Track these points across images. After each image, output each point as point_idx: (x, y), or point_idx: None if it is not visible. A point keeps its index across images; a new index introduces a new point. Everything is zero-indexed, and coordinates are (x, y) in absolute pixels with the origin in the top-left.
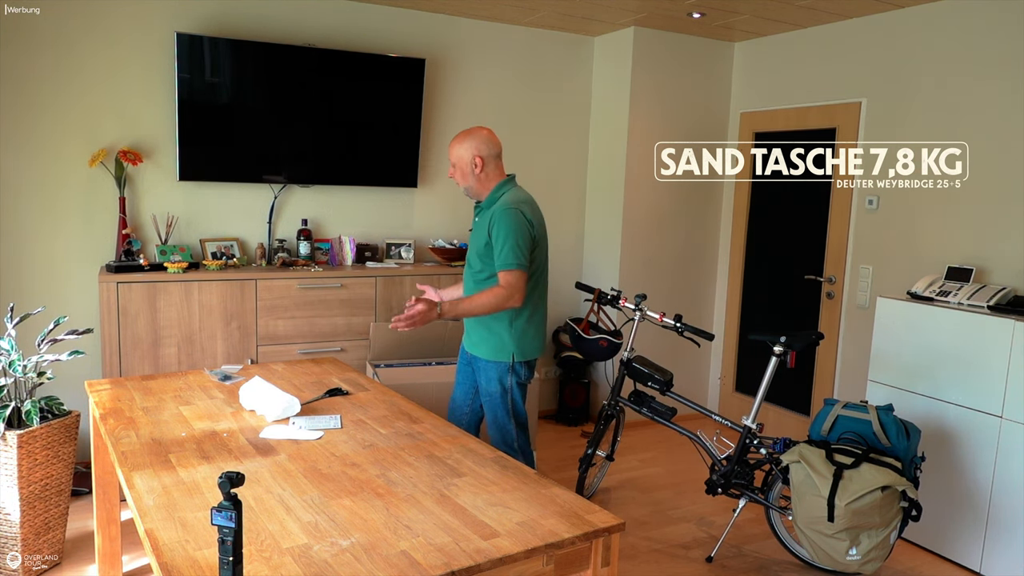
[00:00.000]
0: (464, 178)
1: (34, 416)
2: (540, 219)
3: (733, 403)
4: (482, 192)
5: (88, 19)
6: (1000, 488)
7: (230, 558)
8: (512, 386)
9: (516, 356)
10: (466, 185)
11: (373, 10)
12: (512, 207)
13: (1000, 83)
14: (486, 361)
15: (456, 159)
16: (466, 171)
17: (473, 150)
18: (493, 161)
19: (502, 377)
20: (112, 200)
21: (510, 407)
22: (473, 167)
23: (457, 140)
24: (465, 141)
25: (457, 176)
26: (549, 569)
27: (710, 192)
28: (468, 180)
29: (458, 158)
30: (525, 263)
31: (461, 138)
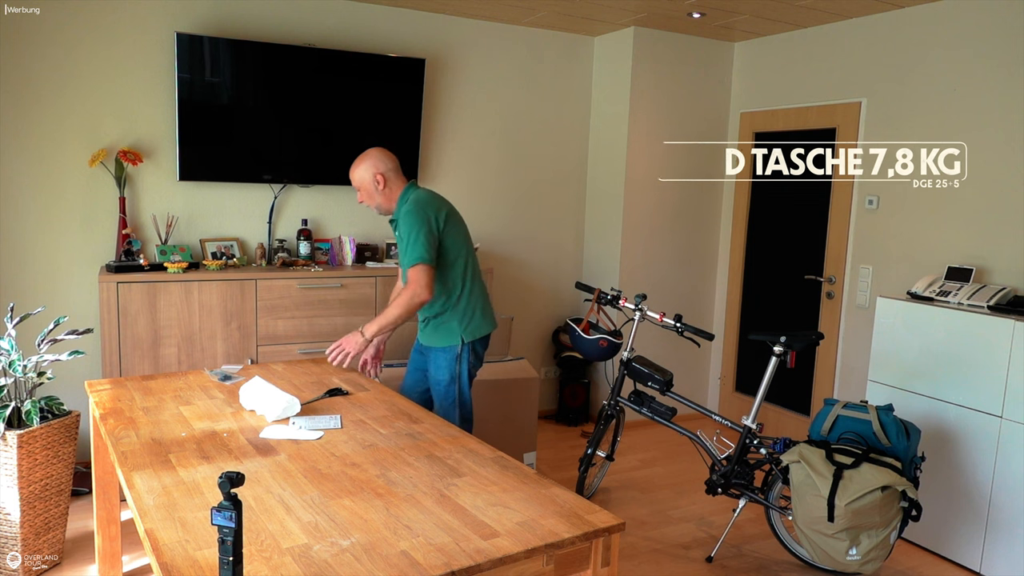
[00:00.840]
0: (371, 198)
1: (34, 416)
2: (446, 208)
3: (733, 403)
4: (390, 207)
5: (88, 19)
6: (1000, 488)
7: (230, 558)
8: (460, 374)
9: (466, 338)
10: (375, 204)
11: (373, 10)
12: (411, 207)
13: (1000, 83)
14: (437, 349)
15: (359, 183)
16: (371, 191)
17: (372, 169)
18: (393, 174)
19: (451, 365)
20: (112, 200)
21: (457, 396)
22: (376, 185)
23: (355, 166)
24: (362, 163)
25: (365, 198)
26: (549, 569)
27: (710, 192)
28: (376, 198)
29: (360, 181)
30: (427, 256)
31: (357, 163)
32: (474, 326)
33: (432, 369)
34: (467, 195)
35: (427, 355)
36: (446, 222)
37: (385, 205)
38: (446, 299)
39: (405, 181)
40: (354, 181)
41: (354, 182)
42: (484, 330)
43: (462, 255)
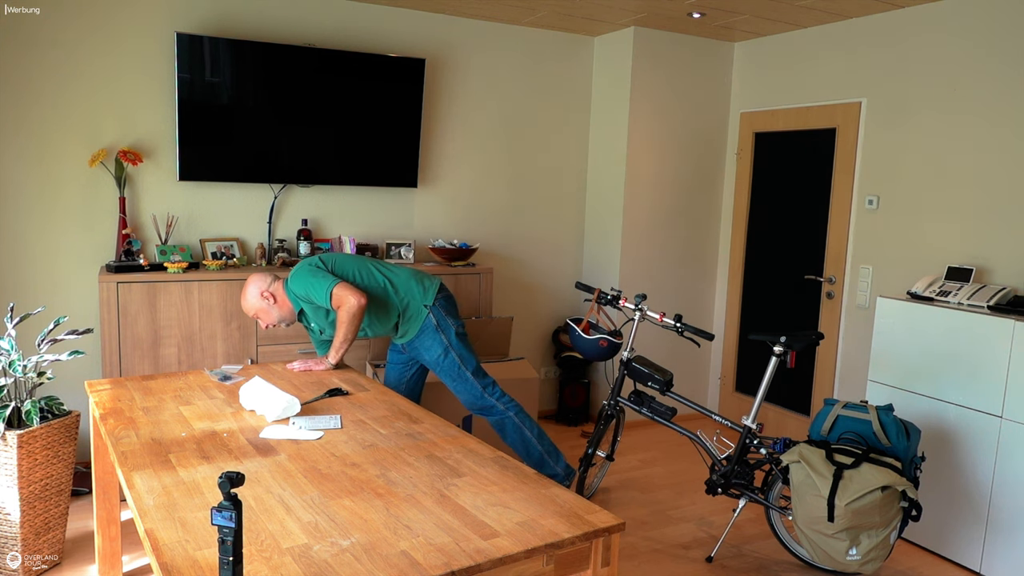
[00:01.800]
0: (269, 315)
1: (34, 416)
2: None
3: (733, 403)
4: (290, 311)
5: (88, 19)
6: (1000, 488)
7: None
8: (450, 340)
9: (427, 302)
10: (279, 317)
11: (373, 10)
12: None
13: (1000, 82)
14: (418, 335)
15: (254, 310)
16: (267, 310)
17: (256, 291)
18: (275, 285)
19: (436, 337)
20: (112, 200)
21: (459, 361)
22: (267, 301)
23: (242, 301)
24: (246, 292)
25: (266, 319)
26: (549, 569)
27: (710, 192)
28: (273, 314)
29: (254, 309)
30: (332, 279)
31: (243, 297)
32: (423, 292)
33: (425, 354)
34: (467, 195)
35: (413, 348)
36: (324, 261)
37: (285, 312)
38: (389, 298)
39: (281, 281)
40: (249, 311)
41: (249, 312)
42: (433, 288)
43: (362, 264)
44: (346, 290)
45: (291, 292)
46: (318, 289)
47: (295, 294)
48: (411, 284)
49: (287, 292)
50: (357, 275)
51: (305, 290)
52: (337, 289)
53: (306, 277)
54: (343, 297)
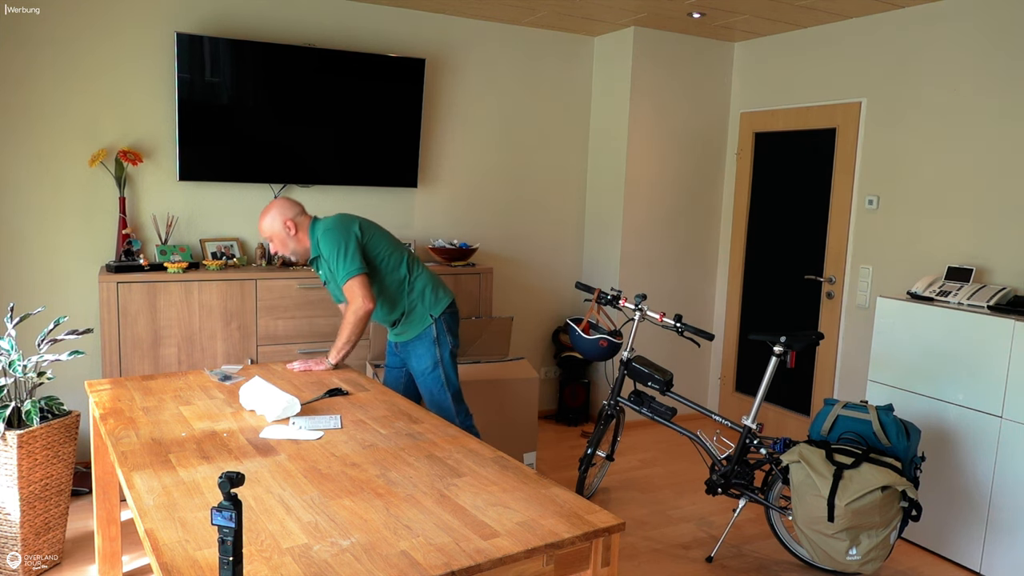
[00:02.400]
0: (285, 245)
1: (34, 416)
2: (358, 219)
3: (733, 403)
4: (305, 248)
5: (88, 19)
6: (1000, 488)
7: (230, 558)
8: (443, 357)
9: (434, 314)
10: (291, 251)
11: (373, 10)
12: (326, 231)
13: (1000, 82)
14: (414, 340)
15: (270, 233)
16: (284, 237)
17: (281, 217)
18: (300, 218)
19: (430, 349)
20: (112, 200)
21: (443, 380)
22: (288, 231)
23: (262, 219)
24: (268, 216)
25: (279, 247)
26: (549, 569)
27: (710, 192)
28: (289, 244)
29: (271, 231)
30: (358, 267)
31: (264, 216)
32: (436, 301)
33: (413, 361)
34: (467, 195)
35: (405, 350)
36: (364, 230)
37: (300, 249)
38: (401, 295)
39: (310, 218)
40: (264, 232)
41: (264, 233)
42: (445, 301)
43: (395, 251)
44: (362, 288)
45: (315, 239)
46: (340, 266)
47: (318, 245)
48: (427, 289)
49: (311, 235)
50: (385, 260)
51: (329, 255)
52: (354, 282)
53: (336, 244)
54: (355, 294)
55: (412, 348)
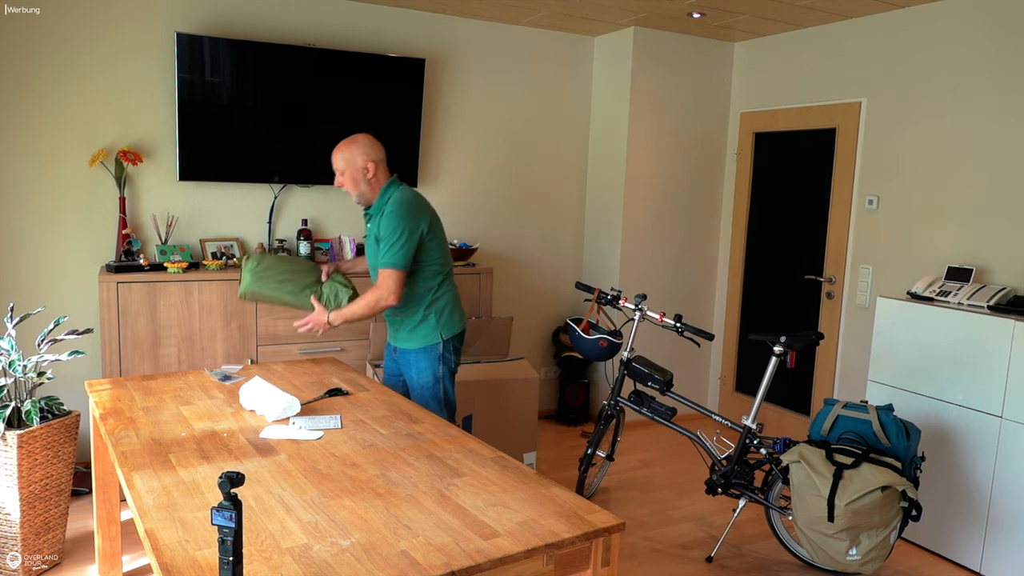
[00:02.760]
0: (355, 184)
1: (34, 416)
2: (429, 212)
3: (733, 403)
4: (372, 198)
5: (88, 19)
6: (1000, 488)
7: (230, 558)
8: (444, 375)
9: (444, 335)
10: (358, 192)
11: (373, 10)
12: (398, 208)
13: (1001, 82)
14: (417, 351)
15: (345, 165)
16: (357, 177)
17: (363, 155)
18: (382, 165)
19: (433, 366)
20: (112, 200)
21: (442, 397)
22: (364, 172)
23: (344, 147)
24: (353, 146)
25: (347, 183)
26: (549, 569)
27: (710, 192)
28: (359, 186)
29: (348, 164)
30: (403, 264)
31: (348, 145)
32: (451, 323)
33: (413, 373)
34: (467, 195)
35: (404, 359)
36: (430, 228)
37: (368, 195)
38: (424, 301)
39: (388, 175)
40: (339, 162)
41: (338, 163)
42: (459, 327)
43: (441, 260)
44: (395, 284)
45: (385, 199)
46: (389, 250)
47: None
48: (447, 308)
49: (383, 191)
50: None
51: (386, 232)
52: (391, 275)
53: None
54: (386, 285)
55: (413, 359)
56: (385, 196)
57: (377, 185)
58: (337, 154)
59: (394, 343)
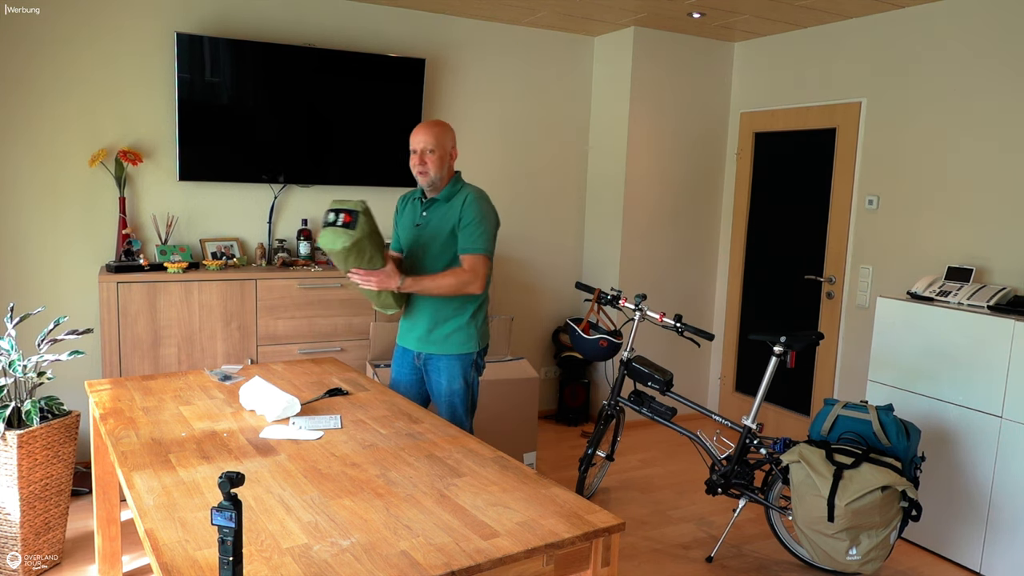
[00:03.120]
0: (441, 164)
1: (34, 416)
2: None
3: (733, 403)
4: (442, 185)
5: (88, 19)
6: (1000, 488)
7: (230, 558)
8: (475, 381)
9: (480, 343)
10: (439, 173)
11: (373, 10)
12: (481, 197)
13: (1000, 82)
14: (450, 357)
15: (436, 145)
16: (444, 159)
17: (452, 139)
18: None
19: (466, 372)
20: (112, 200)
21: (470, 403)
22: (450, 157)
23: (437, 127)
24: (446, 129)
25: (433, 164)
26: (549, 569)
27: (710, 192)
28: (441, 169)
29: (438, 144)
30: (491, 251)
31: (440, 126)
32: (485, 333)
33: (444, 379)
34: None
35: (433, 364)
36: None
37: (444, 177)
38: (469, 308)
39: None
40: (428, 140)
41: (427, 141)
42: (487, 339)
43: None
44: (484, 272)
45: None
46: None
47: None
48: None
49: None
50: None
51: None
52: (481, 261)
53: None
54: (475, 272)
55: (445, 365)
56: (457, 186)
57: (449, 174)
58: (427, 132)
59: (418, 348)
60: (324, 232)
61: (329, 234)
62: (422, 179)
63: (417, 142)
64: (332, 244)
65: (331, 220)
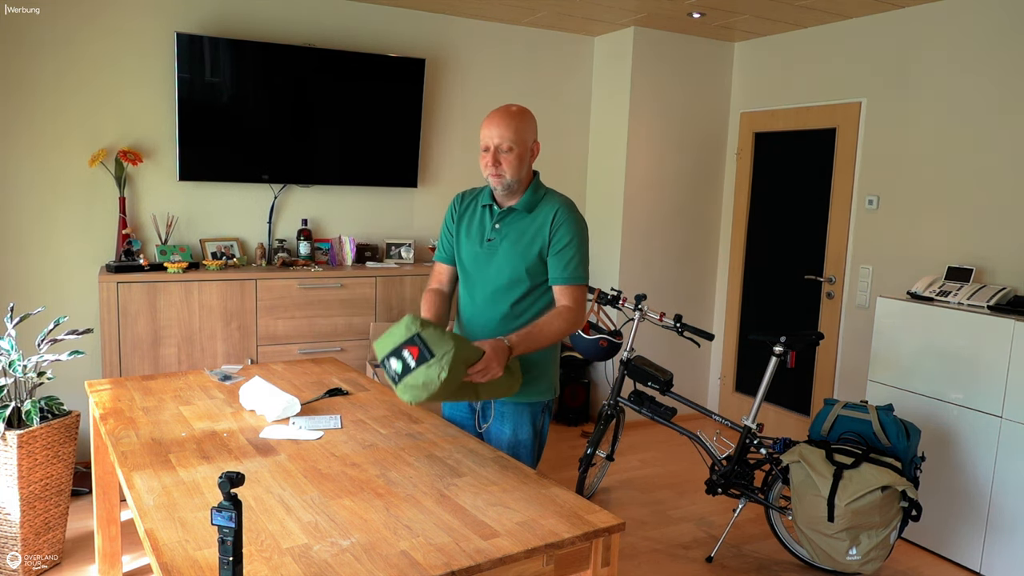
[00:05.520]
0: (520, 165)
1: (34, 416)
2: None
3: (733, 403)
4: (519, 190)
5: (88, 19)
6: (1000, 488)
7: (230, 558)
8: (544, 426)
9: (556, 391)
10: (516, 178)
11: (373, 10)
12: (577, 211)
13: (1000, 82)
14: (526, 404)
15: (515, 142)
16: (524, 157)
17: (534, 134)
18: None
19: (536, 419)
20: (112, 200)
21: (536, 452)
22: (532, 152)
23: (515, 118)
24: (527, 119)
25: (511, 165)
26: (549, 569)
27: (710, 192)
28: (521, 171)
29: (519, 142)
30: (588, 278)
31: (520, 116)
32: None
33: (508, 428)
34: None
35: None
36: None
37: (522, 180)
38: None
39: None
40: (505, 134)
41: (505, 136)
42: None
43: None
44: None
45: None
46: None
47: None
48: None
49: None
50: None
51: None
52: (581, 293)
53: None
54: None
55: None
56: (539, 192)
57: (529, 175)
58: (504, 123)
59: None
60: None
61: (409, 389)
62: (495, 182)
63: (490, 136)
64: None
65: (397, 371)
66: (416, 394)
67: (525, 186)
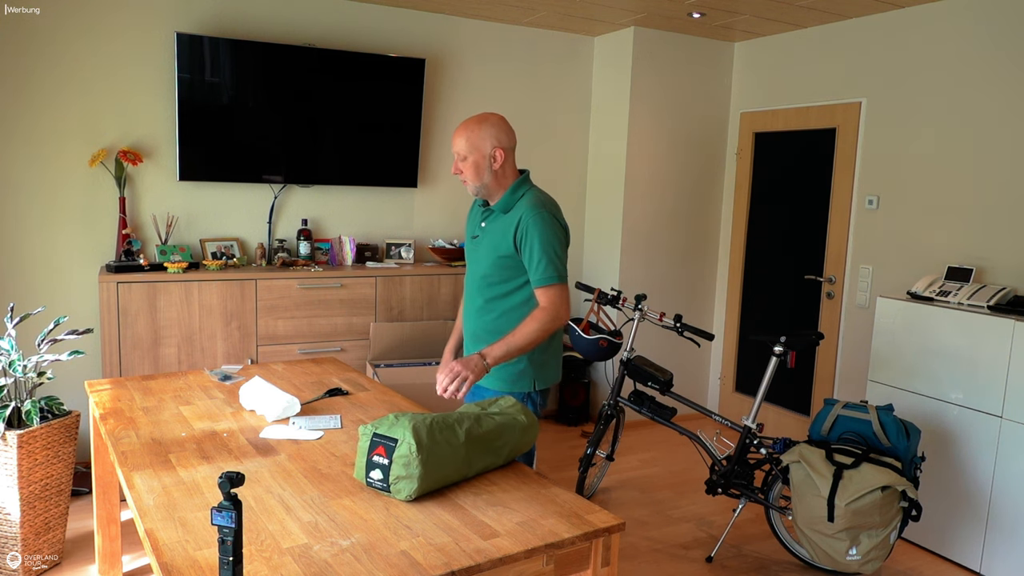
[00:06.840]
0: (478, 175)
1: (34, 416)
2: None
3: (733, 403)
4: (496, 192)
5: (88, 19)
6: (1000, 488)
7: (230, 558)
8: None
9: (537, 384)
10: (479, 184)
11: (373, 10)
12: (544, 210)
13: (1000, 82)
14: (498, 393)
15: (469, 149)
16: (482, 166)
17: (493, 140)
18: (511, 155)
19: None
20: (112, 200)
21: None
22: (491, 161)
23: (469, 128)
24: (481, 129)
25: (468, 172)
26: (549, 569)
27: (710, 192)
28: (482, 177)
29: (472, 147)
30: (565, 274)
31: (474, 126)
32: (549, 372)
33: None
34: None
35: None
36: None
37: (491, 187)
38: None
39: (517, 170)
40: (461, 145)
41: (460, 146)
42: (556, 377)
43: None
44: (565, 299)
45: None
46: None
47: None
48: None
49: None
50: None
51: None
52: (556, 291)
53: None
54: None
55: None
56: (516, 194)
57: (503, 179)
58: (460, 135)
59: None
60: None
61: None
62: (466, 186)
63: (453, 146)
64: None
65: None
66: (408, 485)
67: (503, 188)
